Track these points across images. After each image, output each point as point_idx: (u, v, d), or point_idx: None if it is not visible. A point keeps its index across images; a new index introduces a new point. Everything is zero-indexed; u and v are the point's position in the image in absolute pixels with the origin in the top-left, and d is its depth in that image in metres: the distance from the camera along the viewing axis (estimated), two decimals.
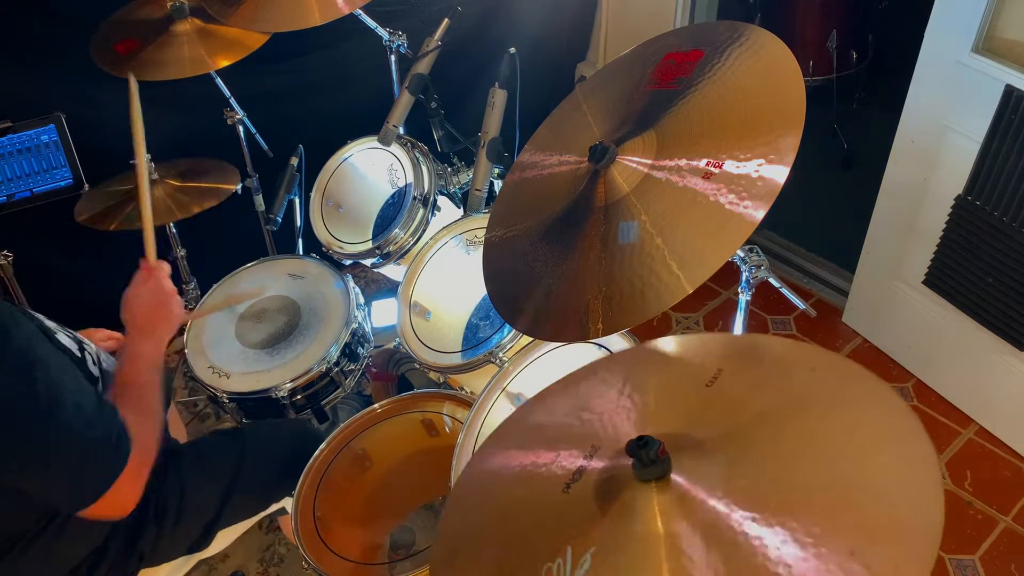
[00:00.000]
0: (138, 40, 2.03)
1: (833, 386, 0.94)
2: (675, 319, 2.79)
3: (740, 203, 1.09)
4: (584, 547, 0.85)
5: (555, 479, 0.95)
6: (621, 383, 1.05)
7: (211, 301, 2.04)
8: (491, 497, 1.02)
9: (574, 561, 0.84)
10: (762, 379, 0.98)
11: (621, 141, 1.28)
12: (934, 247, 2.23)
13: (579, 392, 1.09)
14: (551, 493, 0.94)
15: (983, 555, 2.08)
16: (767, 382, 0.97)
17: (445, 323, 1.94)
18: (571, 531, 0.88)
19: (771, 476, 0.84)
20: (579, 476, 0.93)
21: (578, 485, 0.92)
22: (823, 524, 0.77)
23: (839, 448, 0.85)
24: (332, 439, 1.73)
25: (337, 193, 2.23)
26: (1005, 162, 1.95)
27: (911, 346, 2.50)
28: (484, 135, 1.74)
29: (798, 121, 1.11)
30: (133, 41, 2.03)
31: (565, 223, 1.31)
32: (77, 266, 2.42)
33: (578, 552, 0.85)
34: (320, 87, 2.63)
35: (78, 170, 2.02)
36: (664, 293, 1.11)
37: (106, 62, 2.01)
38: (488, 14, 2.88)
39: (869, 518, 0.78)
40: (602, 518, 0.87)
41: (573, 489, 0.92)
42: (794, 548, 0.76)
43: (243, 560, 2.13)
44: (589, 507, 0.89)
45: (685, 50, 1.33)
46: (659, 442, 0.84)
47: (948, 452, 2.31)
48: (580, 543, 0.86)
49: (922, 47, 2.08)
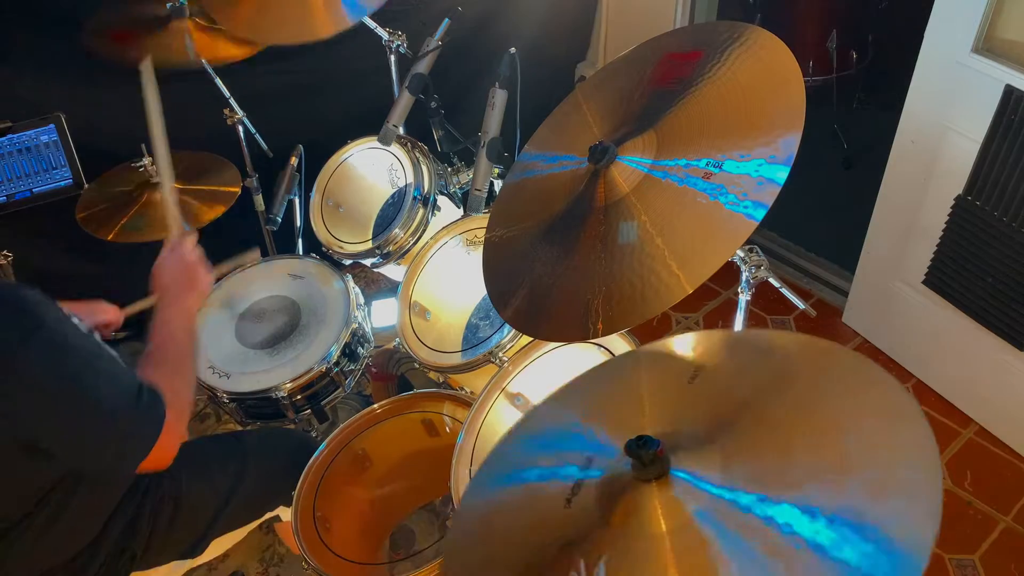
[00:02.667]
0: (135, 31, 2.03)
1: (810, 362, 0.95)
2: (675, 319, 2.79)
3: (740, 203, 1.09)
4: (596, 557, 0.85)
5: (555, 497, 0.95)
6: (604, 392, 1.06)
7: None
8: (494, 527, 1.02)
9: (588, 572, 0.84)
10: (741, 368, 0.99)
11: (621, 141, 1.28)
12: (934, 247, 2.23)
13: (564, 407, 1.10)
14: (553, 511, 0.94)
15: (983, 555, 2.08)
16: (746, 370, 0.98)
17: (445, 323, 1.94)
18: (580, 544, 0.88)
19: (768, 456, 0.85)
20: (578, 489, 0.93)
21: (579, 498, 0.92)
22: (827, 493, 0.78)
23: (828, 419, 0.86)
24: (332, 439, 1.73)
25: (337, 193, 2.23)
26: (1005, 162, 1.95)
27: (911, 346, 2.50)
28: (484, 135, 1.74)
29: (798, 121, 1.11)
30: (130, 32, 2.03)
31: (565, 223, 1.31)
32: (77, 266, 2.42)
33: (591, 563, 0.85)
34: (320, 87, 2.63)
35: (78, 170, 2.02)
36: (664, 293, 1.11)
37: (107, 55, 2.01)
38: (488, 14, 2.88)
39: (871, 479, 0.78)
40: (608, 525, 0.87)
41: (574, 503, 0.92)
42: (805, 519, 0.76)
43: (243, 560, 2.13)
44: (593, 517, 0.89)
45: (685, 50, 1.33)
46: (658, 441, 0.84)
47: (948, 452, 2.31)
48: (591, 554, 0.86)
49: (922, 47, 2.08)
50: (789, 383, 0.92)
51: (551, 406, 1.12)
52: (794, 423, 0.87)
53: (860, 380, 0.88)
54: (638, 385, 1.05)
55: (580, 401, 1.11)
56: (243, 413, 1.94)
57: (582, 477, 0.94)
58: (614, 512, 0.87)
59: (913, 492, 0.75)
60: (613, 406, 1.06)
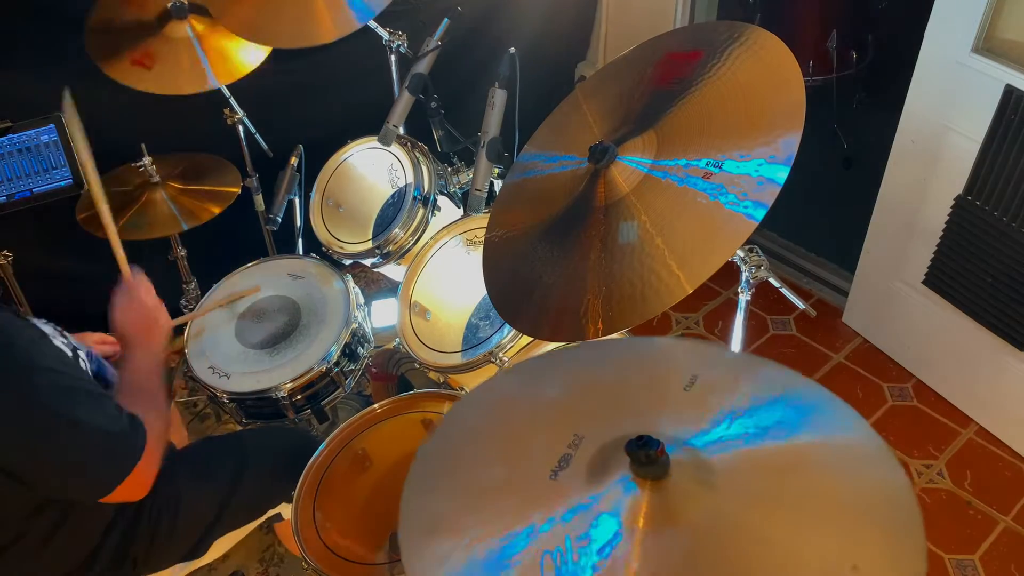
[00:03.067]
0: (151, 54, 2.05)
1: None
2: (675, 319, 2.79)
3: (740, 203, 1.09)
4: (577, 533, 0.84)
5: (538, 463, 0.93)
6: (603, 372, 1.05)
7: (210, 301, 2.04)
8: (467, 471, 0.99)
9: (572, 547, 0.84)
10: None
11: (621, 141, 1.28)
12: (934, 247, 2.23)
13: (558, 380, 1.08)
14: (535, 477, 0.92)
15: (983, 555, 2.08)
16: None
17: (445, 323, 1.94)
18: (562, 517, 0.87)
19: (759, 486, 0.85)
20: (566, 464, 0.92)
21: (565, 473, 0.91)
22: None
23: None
24: (332, 439, 1.73)
25: (337, 193, 2.23)
26: (1005, 162, 1.95)
27: (911, 346, 2.50)
28: (484, 135, 1.73)
29: (798, 121, 1.11)
30: (148, 55, 2.04)
31: (565, 223, 1.31)
32: (77, 266, 2.41)
33: (574, 538, 0.84)
34: (320, 87, 2.63)
35: (78, 170, 2.02)
36: (664, 293, 1.11)
37: (109, 67, 2.02)
38: (488, 14, 2.88)
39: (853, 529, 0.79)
40: (592, 506, 0.86)
41: (560, 477, 0.91)
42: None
43: (243, 560, 2.13)
44: (580, 494, 0.88)
45: (685, 50, 1.33)
46: (659, 441, 0.84)
47: (948, 452, 2.31)
48: (575, 530, 0.85)
49: (922, 47, 2.08)
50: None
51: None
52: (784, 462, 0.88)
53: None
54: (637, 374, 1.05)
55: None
56: (243, 413, 1.94)
57: (570, 453, 0.93)
58: (601, 495, 0.87)
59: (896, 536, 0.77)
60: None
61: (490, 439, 1.02)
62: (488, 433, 1.03)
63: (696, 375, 0.98)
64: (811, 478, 0.87)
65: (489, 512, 0.91)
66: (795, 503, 0.85)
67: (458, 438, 1.03)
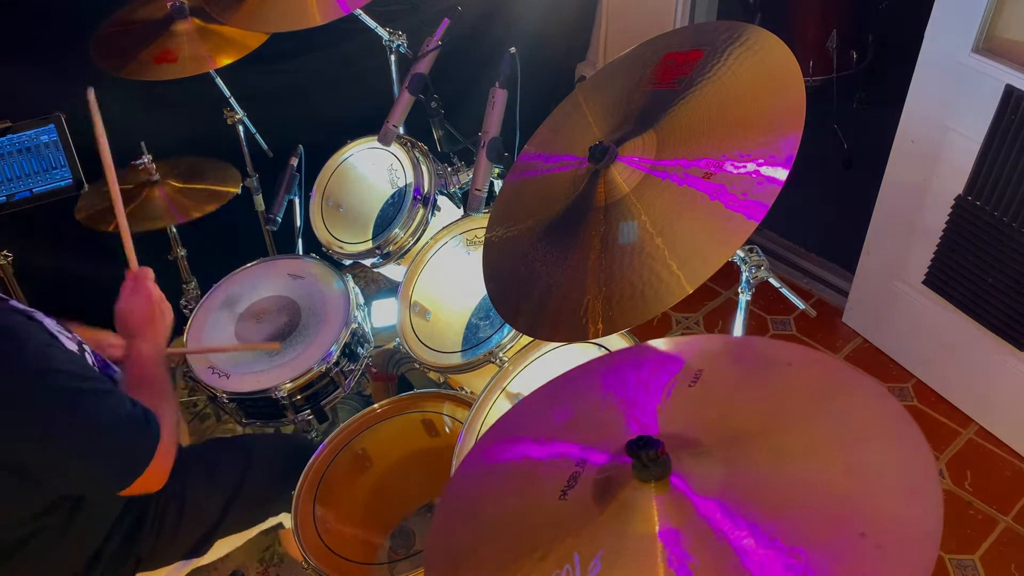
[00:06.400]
0: (170, 49, 2.06)
1: (813, 379, 0.95)
2: (675, 319, 2.79)
3: (740, 203, 1.09)
4: (592, 551, 0.85)
5: (549, 487, 0.94)
6: (603, 385, 1.06)
7: (224, 345, 1.99)
8: (483, 507, 1.01)
9: (583, 565, 0.84)
10: (743, 378, 0.99)
11: (621, 141, 1.27)
12: (934, 247, 2.23)
13: (560, 397, 1.09)
14: (546, 501, 0.93)
15: (983, 555, 2.08)
16: (748, 380, 0.98)
17: (445, 323, 1.94)
18: (575, 536, 0.87)
19: (764, 476, 0.85)
20: (574, 482, 0.93)
21: (575, 491, 0.92)
22: (820, 523, 0.78)
23: (829, 439, 0.87)
24: (332, 439, 1.73)
25: (337, 193, 2.23)
26: (1005, 162, 1.95)
27: (911, 346, 2.50)
28: (484, 135, 1.73)
29: (798, 121, 1.11)
30: (168, 51, 2.05)
31: (565, 223, 1.31)
32: (77, 266, 2.42)
33: (586, 556, 0.84)
34: (320, 87, 2.63)
35: (78, 170, 2.02)
36: (664, 293, 1.11)
37: (109, 65, 2.02)
38: (488, 14, 2.88)
39: (870, 506, 0.79)
40: (603, 520, 0.87)
41: (570, 496, 0.92)
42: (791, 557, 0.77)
43: (243, 560, 2.13)
44: (590, 511, 0.88)
45: (685, 50, 1.33)
46: (660, 442, 0.84)
47: (948, 452, 2.31)
48: (587, 547, 0.85)
49: (922, 47, 2.08)
50: (792, 399, 0.93)
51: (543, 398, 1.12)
52: (794, 441, 0.88)
53: (863, 400, 0.89)
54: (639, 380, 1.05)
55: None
56: (243, 413, 1.94)
57: (579, 471, 0.94)
58: (608, 507, 0.87)
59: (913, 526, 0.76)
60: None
61: (502, 474, 1.03)
62: (500, 470, 1.05)
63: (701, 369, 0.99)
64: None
65: (505, 541, 0.93)
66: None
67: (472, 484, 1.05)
